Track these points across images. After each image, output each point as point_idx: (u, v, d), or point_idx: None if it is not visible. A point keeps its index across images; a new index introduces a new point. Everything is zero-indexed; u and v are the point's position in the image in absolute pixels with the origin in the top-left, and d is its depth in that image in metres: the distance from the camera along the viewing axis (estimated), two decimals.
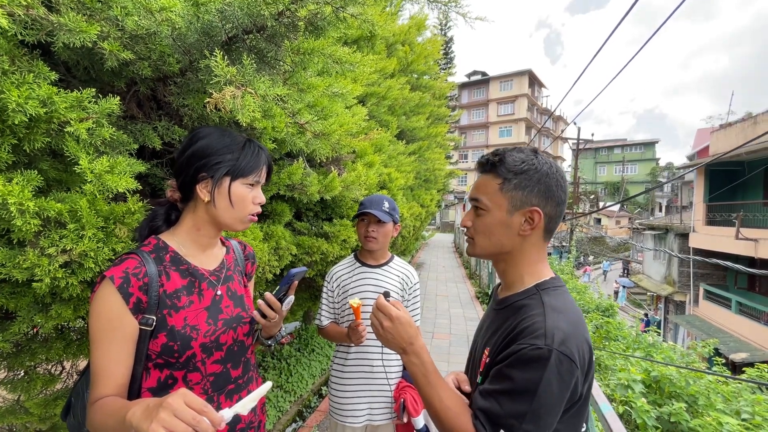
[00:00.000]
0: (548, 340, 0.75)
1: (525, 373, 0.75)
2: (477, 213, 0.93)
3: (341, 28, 1.18)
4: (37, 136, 0.91)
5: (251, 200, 1.00)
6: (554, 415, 0.76)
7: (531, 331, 0.78)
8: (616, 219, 38.81)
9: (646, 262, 20.11)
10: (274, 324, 1.08)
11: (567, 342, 0.75)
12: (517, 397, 0.75)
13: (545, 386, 0.73)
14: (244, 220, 1.00)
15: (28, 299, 1.09)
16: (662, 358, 4.38)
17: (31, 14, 0.83)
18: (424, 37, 5.68)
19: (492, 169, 0.91)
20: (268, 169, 1.05)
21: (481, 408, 0.80)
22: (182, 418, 0.60)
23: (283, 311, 1.07)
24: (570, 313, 0.82)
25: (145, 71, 1.09)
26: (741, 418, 3.13)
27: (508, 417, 0.75)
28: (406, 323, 0.89)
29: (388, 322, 0.89)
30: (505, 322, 0.89)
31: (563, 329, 0.77)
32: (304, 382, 4.00)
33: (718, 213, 13.48)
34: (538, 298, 0.86)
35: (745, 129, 12.11)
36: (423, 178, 5.80)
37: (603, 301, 9.47)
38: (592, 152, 50.03)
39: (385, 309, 0.90)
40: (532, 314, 0.82)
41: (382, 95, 3.47)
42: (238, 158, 0.97)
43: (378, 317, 0.92)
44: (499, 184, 0.89)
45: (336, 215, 2.55)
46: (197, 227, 1.00)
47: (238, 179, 0.97)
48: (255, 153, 1.00)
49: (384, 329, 0.90)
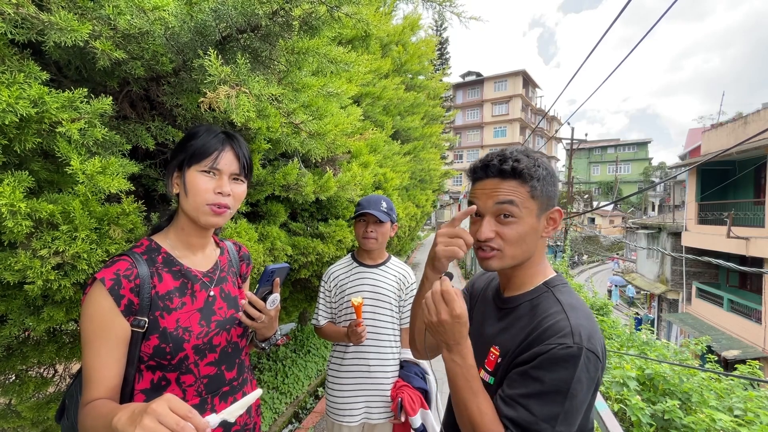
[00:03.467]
0: (576, 338, 0.75)
1: (555, 373, 0.74)
2: (506, 221, 0.85)
3: (336, 28, 1.18)
4: (28, 137, 0.90)
5: (211, 189, 0.92)
6: (582, 412, 0.76)
7: (556, 330, 0.77)
8: (609, 218, 39.11)
9: (639, 261, 20.28)
10: (265, 325, 1.02)
11: (592, 338, 0.76)
12: (548, 399, 0.74)
13: (576, 385, 0.73)
14: (202, 209, 0.92)
15: (20, 302, 1.07)
16: (656, 356, 4.42)
17: (21, 13, 0.82)
18: (418, 37, 5.69)
19: (518, 175, 0.85)
20: (238, 158, 0.96)
21: (510, 417, 0.76)
22: (166, 423, 0.59)
23: (270, 311, 1.01)
24: (585, 309, 0.84)
25: (137, 71, 1.08)
26: (734, 415, 3.17)
27: (540, 421, 0.73)
28: (465, 323, 0.80)
29: (447, 316, 0.78)
30: (518, 321, 0.88)
31: (587, 327, 0.78)
32: (300, 383, 3.98)
33: (710, 212, 13.63)
34: (550, 296, 0.86)
35: (736, 129, 12.26)
36: (418, 178, 5.81)
37: (597, 299, 9.54)
38: (585, 152, 50.42)
39: (451, 302, 0.79)
40: (551, 313, 0.82)
41: (377, 95, 3.47)
42: (193, 144, 0.93)
43: (438, 306, 0.80)
44: (528, 190, 0.85)
45: (331, 215, 2.54)
46: (181, 226, 0.99)
47: (192, 166, 0.92)
48: (213, 137, 0.94)
49: (441, 322, 0.79)
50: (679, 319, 14.23)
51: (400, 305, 1.84)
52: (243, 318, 0.99)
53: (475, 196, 0.90)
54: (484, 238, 0.86)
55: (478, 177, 0.90)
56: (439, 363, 1.18)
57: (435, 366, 1.70)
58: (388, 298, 1.79)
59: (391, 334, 1.81)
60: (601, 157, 50.54)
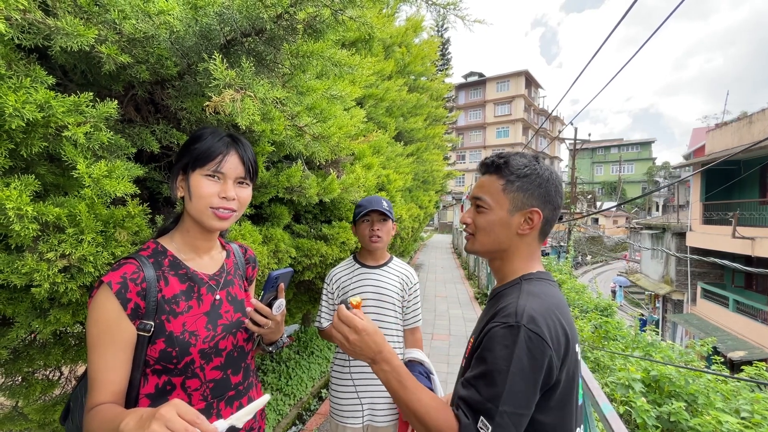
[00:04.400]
0: (518, 317, 0.78)
1: (496, 351, 0.77)
2: (478, 211, 0.96)
3: (340, 31, 1.18)
4: (35, 141, 0.91)
5: (216, 193, 0.92)
6: (529, 396, 0.76)
7: (503, 312, 0.81)
8: (613, 218, 38.94)
9: (643, 262, 20.17)
10: (271, 330, 1.03)
11: (536, 320, 0.77)
12: (490, 379, 0.76)
13: (516, 363, 0.74)
14: (206, 213, 0.92)
15: (26, 305, 1.08)
16: (661, 358, 4.39)
17: (28, 18, 0.83)
18: (420, 38, 5.69)
19: (496, 170, 0.95)
20: (243, 162, 0.96)
21: (462, 397, 0.79)
22: (174, 428, 0.59)
23: (276, 317, 1.02)
24: (547, 297, 0.85)
25: (143, 75, 1.09)
26: (740, 417, 3.14)
27: (485, 401, 0.75)
28: (373, 332, 0.86)
29: (354, 334, 0.85)
30: (488, 310, 0.93)
31: (534, 309, 0.79)
32: (304, 384, 3.98)
33: (715, 212, 13.54)
34: (519, 286, 0.90)
35: (741, 128, 12.18)
36: (421, 179, 5.81)
37: (602, 300, 9.49)
38: (588, 152, 50.22)
39: (350, 321, 0.86)
40: (509, 299, 0.86)
41: (380, 97, 3.47)
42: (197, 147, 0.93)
43: (342, 330, 0.86)
44: (502, 185, 0.93)
45: (335, 217, 2.54)
46: (186, 229, 0.99)
47: (197, 169, 0.92)
48: (217, 140, 0.94)
49: (351, 342, 0.86)
50: (684, 319, 14.14)
51: (403, 306, 1.84)
52: (250, 325, 1.00)
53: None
54: (462, 221, 1.00)
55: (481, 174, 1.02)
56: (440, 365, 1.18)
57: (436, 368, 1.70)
58: (392, 298, 1.79)
59: (395, 335, 1.80)
60: (604, 157, 50.35)
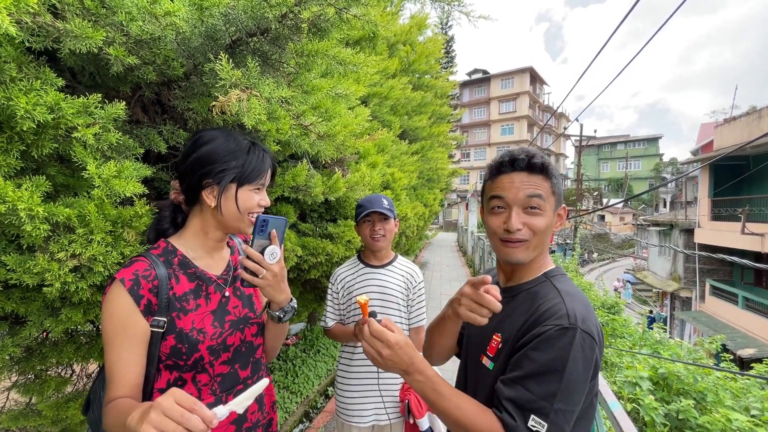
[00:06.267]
0: (572, 319, 0.79)
1: (551, 353, 0.78)
2: (533, 212, 0.89)
3: (344, 30, 1.18)
4: (45, 142, 0.92)
5: (257, 203, 1.00)
6: (581, 393, 0.78)
7: (553, 313, 0.82)
8: (620, 215, 38.62)
9: (651, 259, 19.99)
10: (270, 284, 0.93)
11: (587, 321, 0.80)
12: (545, 378, 0.77)
13: (572, 363, 0.76)
14: (245, 221, 1.00)
15: (38, 304, 1.10)
16: (669, 355, 4.36)
17: (38, 21, 0.84)
18: (425, 36, 5.67)
19: (543, 171, 0.91)
20: (273, 171, 1.05)
21: (509, 397, 0.79)
22: (171, 416, 0.60)
23: (272, 266, 0.92)
24: (582, 296, 0.88)
25: (150, 76, 1.10)
26: (750, 415, 3.11)
27: (538, 399, 0.76)
28: (405, 345, 0.83)
29: (386, 349, 0.83)
30: (518, 308, 0.92)
31: (581, 310, 0.82)
32: (310, 383, 4.01)
33: (723, 208, 13.37)
34: (549, 284, 0.91)
35: (750, 123, 12.01)
36: (426, 177, 5.80)
37: (608, 298, 9.42)
38: (594, 149, 49.80)
39: (382, 335, 0.83)
40: (548, 298, 0.86)
41: (385, 95, 3.47)
42: (243, 164, 0.96)
43: (375, 345, 0.84)
44: (550, 186, 0.91)
45: (340, 216, 2.55)
46: (205, 231, 1.00)
47: (245, 185, 0.97)
48: (260, 158, 0.99)
49: (384, 357, 0.83)
50: (692, 317, 14.01)
51: (408, 305, 1.84)
52: (244, 275, 0.92)
53: (502, 188, 0.92)
54: (515, 229, 0.89)
55: (504, 170, 0.92)
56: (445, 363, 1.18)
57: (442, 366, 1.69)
58: (396, 297, 1.79)
59: None
60: (610, 154, 49.90)
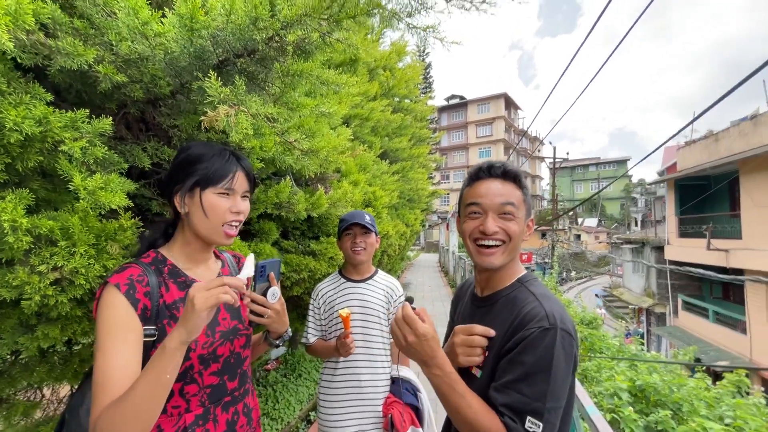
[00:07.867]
0: (551, 320, 0.84)
1: (536, 353, 0.81)
2: (507, 218, 0.95)
3: (328, 52, 1.25)
4: (31, 155, 0.93)
5: (227, 209, 0.96)
6: (566, 388, 0.82)
7: (533, 316, 0.86)
8: (594, 234, 39.80)
9: (626, 276, 20.57)
10: (274, 320, 1.08)
11: (564, 320, 0.85)
12: (534, 379, 0.80)
13: (557, 361, 0.80)
14: (218, 230, 0.96)
15: (13, 321, 1.07)
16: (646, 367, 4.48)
17: (31, 39, 0.86)
18: (404, 62, 5.90)
19: (514, 179, 0.97)
20: (248, 177, 1.01)
21: (504, 403, 0.82)
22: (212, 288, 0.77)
23: (274, 305, 1.06)
24: (555, 297, 0.94)
25: (136, 93, 1.13)
26: (724, 423, 3.20)
27: (532, 401, 0.79)
28: (431, 338, 0.85)
29: (413, 337, 0.85)
30: (499, 315, 0.95)
31: (558, 310, 0.87)
32: (291, 408, 3.88)
33: (690, 225, 14.03)
34: (524, 289, 0.96)
35: (708, 145, 12.82)
36: (407, 197, 5.89)
37: (587, 314, 9.60)
38: (568, 170, 51.79)
39: (413, 323, 0.85)
40: (527, 302, 0.91)
41: (366, 117, 3.57)
42: (206, 167, 0.94)
43: (403, 330, 0.86)
44: (521, 195, 0.97)
45: (323, 233, 2.57)
46: (188, 241, 1.01)
47: (209, 188, 0.94)
48: (226, 160, 0.97)
49: (408, 343, 0.85)
50: (668, 332, 14.37)
51: (389, 318, 1.85)
52: (252, 317, 1.03)
53: (479, 195, 0.97)
54: (492, 231, 0.94)
55: (482, 176, 0.99)
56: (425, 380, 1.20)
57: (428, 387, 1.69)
58: (377, 311, 1.81)
59: (381, 348, 1.81)
60: (583, 175, 51.98)
